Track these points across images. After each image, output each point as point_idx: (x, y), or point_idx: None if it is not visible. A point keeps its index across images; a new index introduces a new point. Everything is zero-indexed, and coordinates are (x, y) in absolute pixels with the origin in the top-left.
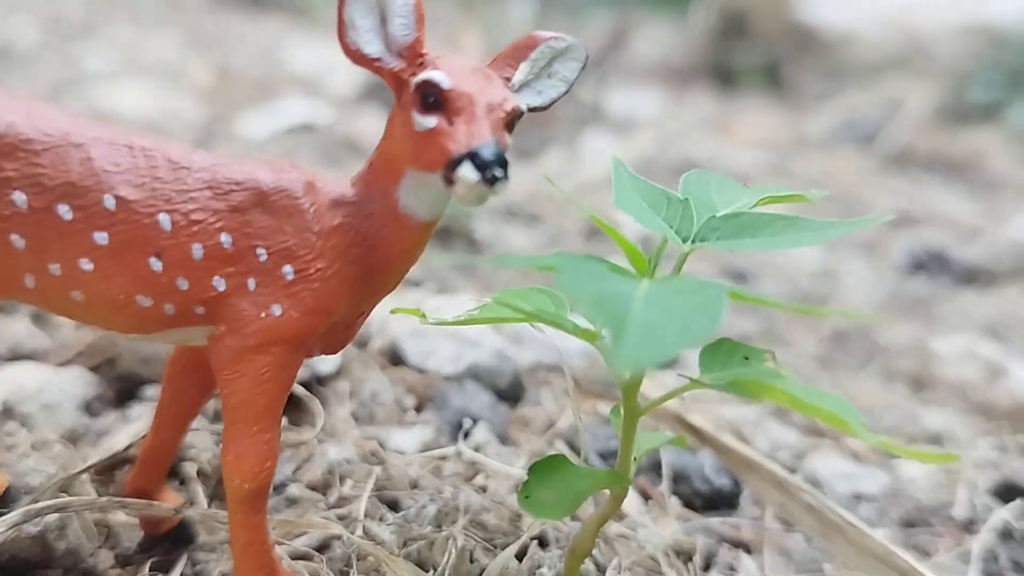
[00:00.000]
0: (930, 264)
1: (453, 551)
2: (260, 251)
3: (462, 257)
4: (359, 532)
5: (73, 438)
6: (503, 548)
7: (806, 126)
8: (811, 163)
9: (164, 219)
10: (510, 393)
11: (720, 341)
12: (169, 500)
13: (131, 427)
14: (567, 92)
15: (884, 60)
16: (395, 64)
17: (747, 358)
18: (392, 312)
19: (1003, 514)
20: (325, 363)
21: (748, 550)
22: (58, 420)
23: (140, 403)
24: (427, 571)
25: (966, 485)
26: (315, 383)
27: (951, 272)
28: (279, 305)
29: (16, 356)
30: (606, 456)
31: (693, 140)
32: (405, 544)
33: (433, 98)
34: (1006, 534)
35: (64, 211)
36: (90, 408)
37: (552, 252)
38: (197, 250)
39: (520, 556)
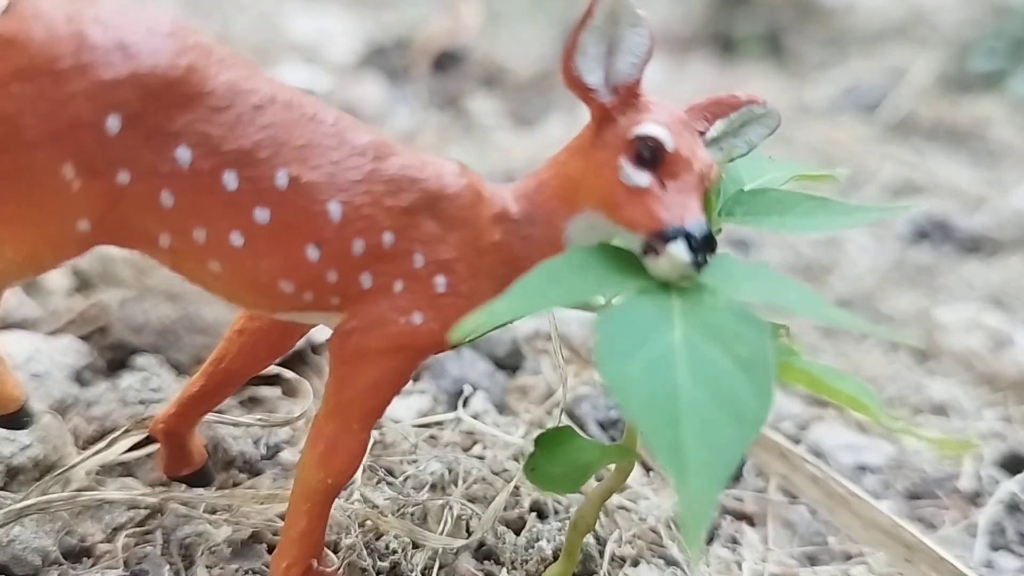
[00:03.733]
0: (933, 233)
1: (449, 519)
2: (417, 257)
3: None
4: (356, 497)
5: (62, 408)
6: (501, 522)
7: (808, 94)
8: (813, 131)
9: (334, 209)
10: (508, 361)
11: None
12: (198, 446)
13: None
14: (746, 155)
15: (886, 28)
16: (608, 99)
17: None
18: None
19: (1010, 486)
20: (320, 331)
21: (751, 522)
22: (47, 390)
23: (131, 372)
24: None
25: (972, 457)
26: (310, 351)
27: (955, 241)
28: (421, 314)
29: (6, 325)
30: (606, 426)
31: None
32: (399, 510)
33: (650, 155)
34: (1013, 507)
35: (230, 180)
36: (80, 378)
37: None
38: (358, 245)
39: (518, 529)
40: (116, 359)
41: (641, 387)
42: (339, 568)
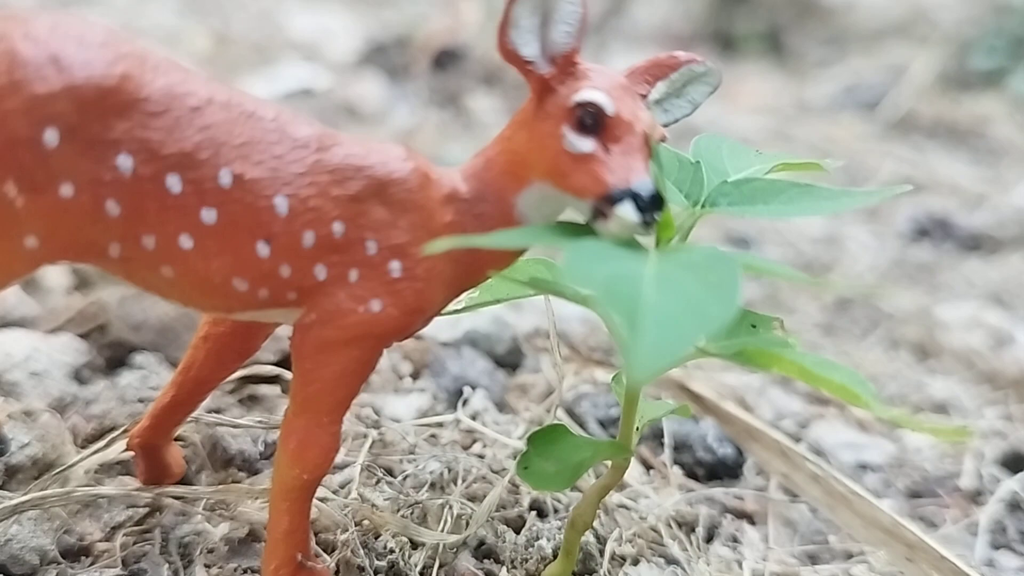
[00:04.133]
0: (934, 231)
1: (449, 519)
2: (370, 244)
3: (463, 240)
4: (353, 495)
5: (61, 407)
6: (501, 520)
7: (808, 92)
8: (813, 129)
9: (281, 203)
10: (508, 360)
11: None
12: (176, 457)
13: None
14: (690, 114)
15: (886, 26)
16: (547, 70)
17: (755, 326)
18: None
19: (1011, 485)
20: None
21: (752, 521)
22: (46, 388)
23: (130, 370)
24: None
25: (973, 455)
26: None
27: (955, 239)
28: (379, 301)
29: (5, 323)
30: (606, 424)
31: None
32: (399, 510)
33: (592, 120)
34: (1014, 505)
35: (173, 183)
36: (79, 376)
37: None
38: (308, 238)
39: (518, 528)
40: (115, 357)
41: (608, 283)
42: (331, 565)
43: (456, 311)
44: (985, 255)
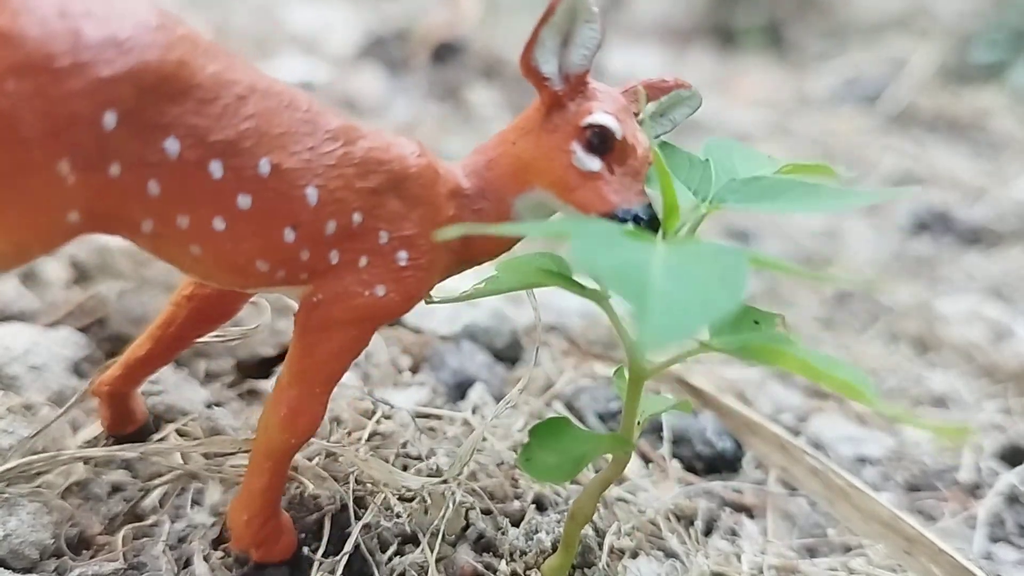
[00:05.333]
0: (933, 224)
1: (451, 505)
2: (383, 234)
3: (469, 226)
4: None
5: (60, 400)
6: (501, 514)
7: (808, 85)
8: (813, 123)
9: (311, 193)
10: (508, 353)
11: None
12: (140, 406)
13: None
14: (670, 131)
15: (887, 19)
16: (560, 87)
17: (757, 322)
18: None
19: (1009, 478)
20: None
21: (751, 514)
22: (46, 382)
23: None
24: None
25: (972, 449)
26: None
27: (955, 232)
28: (384, 287)
29: (4, 317)
30: (605, 418)
31: None
32: (399, 498)
33: (600, 142)
34: (1012, 499)
35: (216, 168)
36: (79, 369)
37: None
38: (331, 226)
39: (517, 521)
40: (114, 351)
41: (616, 269)
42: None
43: (456, 299)
44: (985, 248)
